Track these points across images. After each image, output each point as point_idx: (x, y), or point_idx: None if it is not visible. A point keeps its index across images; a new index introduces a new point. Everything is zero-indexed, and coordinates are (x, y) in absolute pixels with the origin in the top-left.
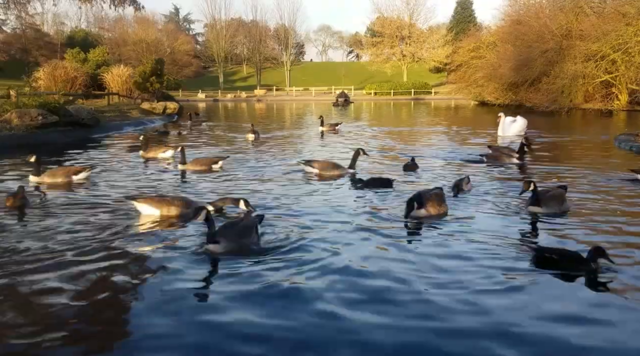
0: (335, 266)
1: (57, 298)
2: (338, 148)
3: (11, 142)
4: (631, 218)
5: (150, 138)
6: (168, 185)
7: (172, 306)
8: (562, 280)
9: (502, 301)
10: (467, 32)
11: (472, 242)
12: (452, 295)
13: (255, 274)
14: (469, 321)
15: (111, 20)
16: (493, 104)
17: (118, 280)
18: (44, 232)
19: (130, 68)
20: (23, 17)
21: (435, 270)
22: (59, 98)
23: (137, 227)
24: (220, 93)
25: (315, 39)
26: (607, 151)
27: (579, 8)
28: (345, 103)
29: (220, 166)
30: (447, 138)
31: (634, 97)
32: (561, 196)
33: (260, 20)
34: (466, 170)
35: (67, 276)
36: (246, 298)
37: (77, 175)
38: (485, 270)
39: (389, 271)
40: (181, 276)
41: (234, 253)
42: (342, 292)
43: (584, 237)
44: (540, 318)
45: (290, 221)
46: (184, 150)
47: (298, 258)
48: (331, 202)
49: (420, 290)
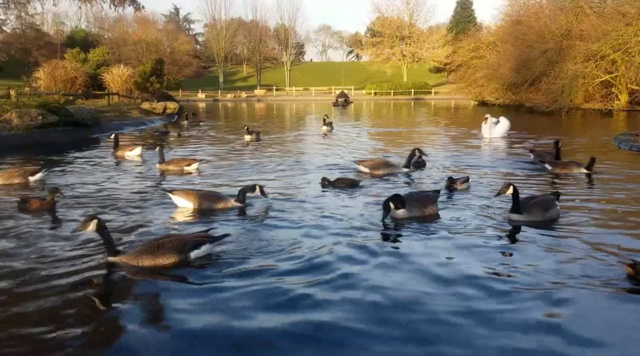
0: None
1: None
2: (334, 151)
3: (11, 142)
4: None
5: (119, 136)
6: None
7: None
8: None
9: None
10: (467, 32)
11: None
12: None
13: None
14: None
15: (111, 20)
16: (493, 104)
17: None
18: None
19: (130, 68)
20: (23, 17)
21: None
22: (59, 98)
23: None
24: (220, 94)
25: (315, 39)
26: (606, 151)
27: (579, 8)
28: (345, 104)
29: (195, 168)
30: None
31: (634, 97)
32: (547, 203)
33: (260, 20)
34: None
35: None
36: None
37: (34, 175)
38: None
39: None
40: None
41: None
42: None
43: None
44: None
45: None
46: (162, 150)
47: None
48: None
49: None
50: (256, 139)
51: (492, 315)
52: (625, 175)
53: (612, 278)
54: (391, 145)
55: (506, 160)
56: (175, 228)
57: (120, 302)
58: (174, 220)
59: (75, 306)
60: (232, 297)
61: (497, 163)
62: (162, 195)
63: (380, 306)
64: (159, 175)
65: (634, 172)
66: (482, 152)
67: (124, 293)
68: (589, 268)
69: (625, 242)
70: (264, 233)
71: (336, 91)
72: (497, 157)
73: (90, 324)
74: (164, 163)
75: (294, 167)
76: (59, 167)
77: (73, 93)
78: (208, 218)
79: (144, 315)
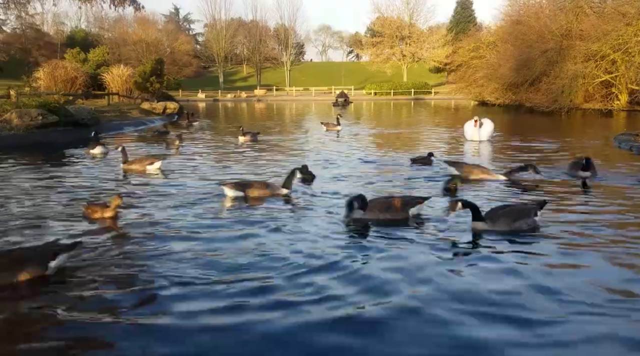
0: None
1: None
2: (336, 154)
3: (11, 142)
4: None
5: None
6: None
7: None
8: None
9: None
10: (467, 32)
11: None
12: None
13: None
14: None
15: (111, 20)
16: (493, 104)
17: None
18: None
19: (130, 68)
20: (23, 17)
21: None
22: (59, 98)
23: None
24: (220, 94)
25: (315, 39)
26: (606, 152)
27: (579, 8)
28: (344, 104)
29: (157, 167)
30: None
31: (634, 97)
32: (518, 213)
33: (260, 20)
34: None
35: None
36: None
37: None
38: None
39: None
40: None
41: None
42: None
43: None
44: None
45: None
46: (124, 149)
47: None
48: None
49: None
50: (252, 140)
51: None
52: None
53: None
54: (391, 146)
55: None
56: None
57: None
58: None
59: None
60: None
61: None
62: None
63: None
64: (123, 176)
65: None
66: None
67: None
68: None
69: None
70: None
71: (336, 91)
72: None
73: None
74: (127, 162)
75: (284, 169)
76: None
77: (73, 93)
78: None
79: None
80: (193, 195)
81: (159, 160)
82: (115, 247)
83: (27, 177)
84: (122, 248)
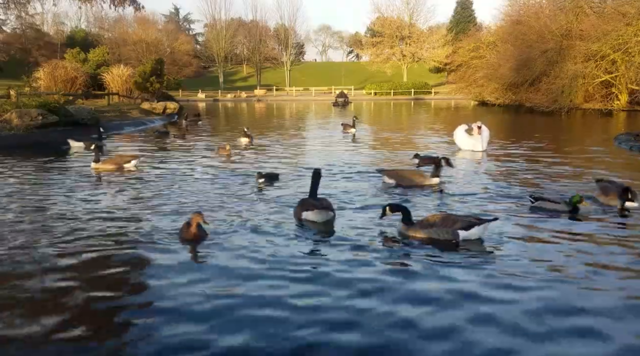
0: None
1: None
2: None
3: (11, 142)
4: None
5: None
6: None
7: None
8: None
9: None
10: (467, 32)
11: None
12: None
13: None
14: None
15: (111, 20)
16: (493, 104)
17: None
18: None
19: (130, 68)
20: (23, 17)
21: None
22: (59, 98)
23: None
24: (220, 94)
25: (315, 39)
26: (606, 152)
27: (579, 8)
28: (344, 104)
29: (134, 165)
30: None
31: (634, 97)
32: (442, 221)
33: (260, 20)
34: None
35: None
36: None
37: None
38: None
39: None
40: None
41: None
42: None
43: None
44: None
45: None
46: (97, 148)
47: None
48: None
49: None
50: (250, 142)
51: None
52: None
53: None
54: (391, 145)
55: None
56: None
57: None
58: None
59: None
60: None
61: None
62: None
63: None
64: (95, 175)
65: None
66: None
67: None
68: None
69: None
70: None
71: (336, 91)
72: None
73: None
74: (99, 162)
75: (280, 168)
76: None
77: (73, 93)
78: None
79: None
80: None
81: (137, 158)
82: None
83: (27, 177)
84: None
